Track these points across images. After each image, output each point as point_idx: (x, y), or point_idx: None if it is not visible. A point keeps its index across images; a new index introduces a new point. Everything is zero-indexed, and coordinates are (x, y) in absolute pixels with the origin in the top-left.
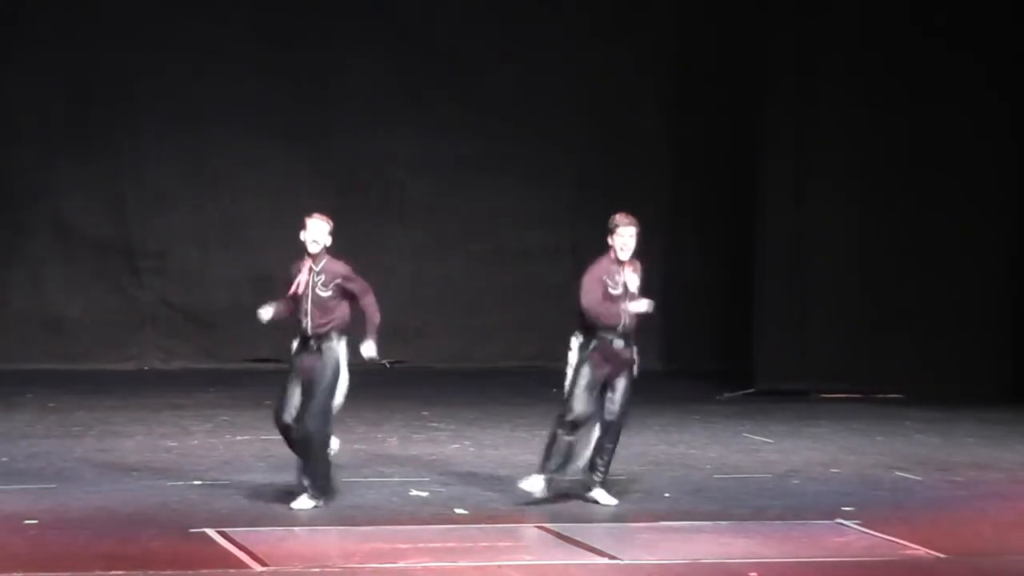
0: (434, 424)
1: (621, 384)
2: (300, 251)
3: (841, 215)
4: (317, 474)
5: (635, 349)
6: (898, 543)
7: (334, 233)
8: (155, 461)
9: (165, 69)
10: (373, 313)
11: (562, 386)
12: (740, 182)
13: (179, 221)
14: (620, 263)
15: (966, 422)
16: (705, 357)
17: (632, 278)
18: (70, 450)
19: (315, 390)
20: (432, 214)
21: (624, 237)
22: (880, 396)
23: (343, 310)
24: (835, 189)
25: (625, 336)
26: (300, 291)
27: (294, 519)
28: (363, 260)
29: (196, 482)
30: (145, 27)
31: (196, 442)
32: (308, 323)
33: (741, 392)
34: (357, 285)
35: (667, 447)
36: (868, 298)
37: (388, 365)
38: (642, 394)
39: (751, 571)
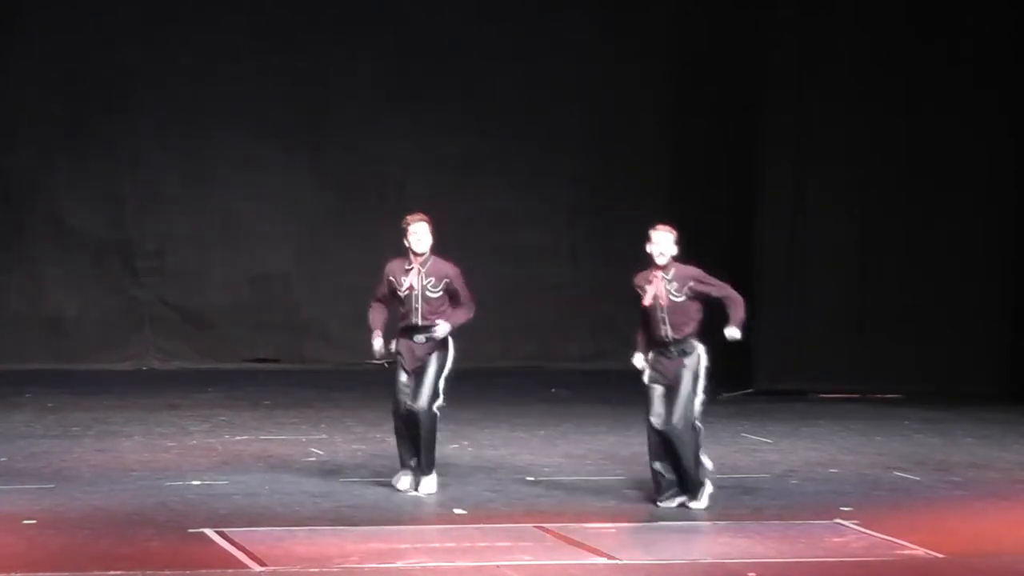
0: None
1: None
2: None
3: (839, 216)
4: (682, 471)
5: (436, 345)
6: (896, 543)
7: (678, 242)
8: (153, 461)
9: (165, 69)
10: (738, 299)
11: (559, 386)
12: (739, 183)
13: (178, 221)
14: (411, 259)
15: (965, 422)
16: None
17: (416, 278)
18: (68, 450)
19: (678, 393)
20: (432, 214)
21: (416, 234)
22: (879, 396)
23: (698, 312)
24: (833, 190)
25: (427, 333)
26: (652, 302)
27: (292, 519)
28: (363, 260)
29: (194, 482)
30: (145, 28)
31: (194, 442)
32: (667, 331)
33: (740, 392)
34: (715, 283)
35: None
36: (866, 298)
37: (387, 365)
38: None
39: (749, 571)
